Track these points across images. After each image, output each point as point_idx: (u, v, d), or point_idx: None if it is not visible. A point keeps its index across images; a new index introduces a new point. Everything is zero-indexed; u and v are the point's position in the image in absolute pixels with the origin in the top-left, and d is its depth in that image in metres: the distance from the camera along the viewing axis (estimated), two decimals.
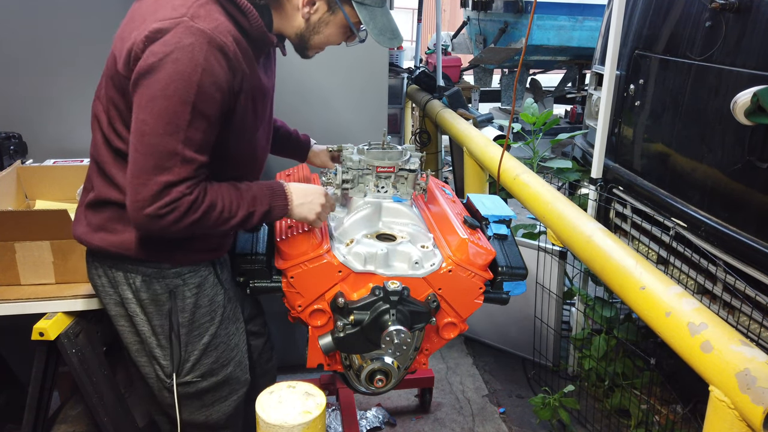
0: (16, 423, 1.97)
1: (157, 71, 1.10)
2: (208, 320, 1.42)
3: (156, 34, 1.12)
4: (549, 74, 7.31)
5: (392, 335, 1.36)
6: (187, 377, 1.43)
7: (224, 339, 1.46)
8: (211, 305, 1.42)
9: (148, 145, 1.12)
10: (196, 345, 1.41)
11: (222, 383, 1.48)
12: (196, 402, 1.47)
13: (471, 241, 1.44)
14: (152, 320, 1.37)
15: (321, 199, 1.39)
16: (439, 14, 4.35)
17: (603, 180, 2.42)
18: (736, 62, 1.90)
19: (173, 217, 1.15)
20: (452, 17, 12.18)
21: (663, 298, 1.45)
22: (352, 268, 1.41)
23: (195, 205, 1.17)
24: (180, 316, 1.38)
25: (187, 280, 1.37)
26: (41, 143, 2.22)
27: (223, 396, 1.50)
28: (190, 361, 1.42)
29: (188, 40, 1.11)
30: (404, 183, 1.62)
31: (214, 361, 1.45)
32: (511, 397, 2.56)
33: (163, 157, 1.12)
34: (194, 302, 1.39)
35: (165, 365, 1.41)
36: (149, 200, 1.13)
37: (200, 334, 1.41)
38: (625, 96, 2.55)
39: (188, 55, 1.10)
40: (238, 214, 1.25)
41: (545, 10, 5.57)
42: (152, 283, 1.34)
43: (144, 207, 1.13)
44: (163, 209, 1.13)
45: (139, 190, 1.13)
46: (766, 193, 1.77)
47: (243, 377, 1.54)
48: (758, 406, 1.11)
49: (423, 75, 4.18)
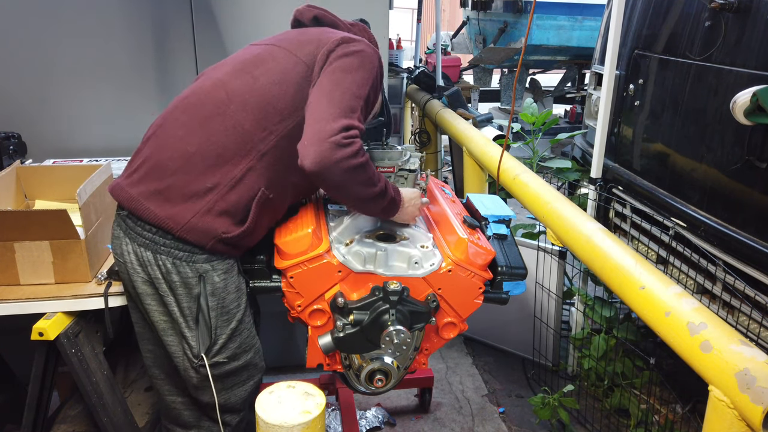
0: (16, 423, 1.97)
1: (354, 55, 1.44)
2: (236, 306, 1.47)
3: (348, 39, 1.47)
4: (548, 74, 7.30)
5: (392, 335, 1.36)
6: (215, 359, 1.47)
7: (247, 326, 1.52)
8: (237, 292, 1.47)
9: (341, 97, 1.36)
10: (224, 329, 1.46)
11: (242, 368, 1.53)
12: (218, 384, 1.51)
13: (471, 241, 1.45)
14: (181, 302, 1.42)
15: (419, 202, 1.54)
16: (439, 14, 4.35)
17: (602, 180, 2.42)
18: (735, 62, 1.90)
19: (351, 150, 1.29)
20: (452, 17, 12.17)
21: (662, 297, 1.45)
22: (351, 268, 1.41)
23: (362, 150, 1.33)
24: (210, 300, 1.42)
25: (215, 266, 1.41)
26: (41, 143, 2.22)
27: (242, 380, 1.55)
28: (218, 344, 1.46)
29: (368, 49, 1.48)
30: (404, 183, 1.62)
31: (238, 346, 1.50)
32: (511, 397, 2.56)
33: (349, 107, 1.35)
34: (223, 287, 1.43)
35: (194, 345, 1.45)
36: (336, 131, 1.29)
37: (228, 320, 1.46)
38: (624, 96, 2.55)
39: (370, 54, 1.48)
40: (378, 184, 1.38)
41: (545, 9, 5.56)
42: (182, 266, 1.39)
43: (330, 136, 1.29)
44: (346, 140, 1.30)
45: (324, 125, 1.31)
46: (765, 193, 1.77)
47: (260, 363, 1.59)
48: (758, 406, 1.11)
49: (422, 75, 4.18)
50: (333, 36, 1.48)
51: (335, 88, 1.38)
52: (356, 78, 1.41)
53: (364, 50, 1.46)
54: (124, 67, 2.34)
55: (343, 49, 1.45)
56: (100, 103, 2.36)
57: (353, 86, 1.39)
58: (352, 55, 1.44)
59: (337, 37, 1.47)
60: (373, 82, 1.46)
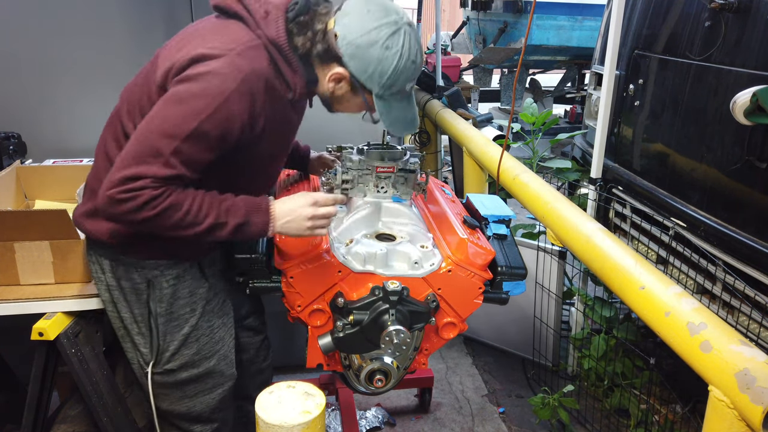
0: (16, 423, 1.97)
1: (188, 82, 1.20)
2: (189, 311, 1.46)
3: (202, 57, 1.22)
4: (548, 74, 7.31)
5: (392, 335, 1.36)
6: (167, 366, 1.47)
7: (206, 332, 1.49)
8: (191, 297, 1.46)
9: (145, 137, 1.19)
10: (175, 335, 1.45)
11: (204, 375, 1.52)
12: (177, 392, 1.51)
13: (470, 241, 1.45)
14: (133, 308, 1.43)
15: (307, 212, 1.33)
16: (439, 14, 4.34)
17: (602, 180, 2.42)
18: (735, 62, 1.90)
19: (130, 206, 1.18)
20: (452, 17, 12.17)
21: (662, 297, 1.45)
22: (351, 268, 1.41)
23: (155, 202, 1.19)
24: (158, 306, 1.42)
25: (164, 271, 1.41)
26: (41, 143, 2.22)
27: (207, 388, 1.54)
28: (169, 350, 1.46)
29: (227, 70, 1.20)
30: (404, 183, 1.62)
31: (196, 353, 1.48)
32: (511, 397, 2.56)
33: (149, 151, 1.18)
34: (172, 293, 1.42)
35: (145, 353, 1.46)
36: (116, 183, 1.18)
37: (179, 325, 1.45)
38: (624, 96, 2.55)
39: (220, 81, 1.20)
40: (205, 222, 1.24)
41: (545, 10, 5.56)
42: (131, 272, 1.40)
43: (109, 188, 1.18)
44: (123, 195, 1.17)
45: (114, 172, 1.19)
46: (765, 193, 1.77)
47: (228, 371, 1.57)
48: (758, 406, 1.11)
49: (422, 75, 4.18)
50: (192, 51, 1.24)
51: (148, 124, 1.20)
52: (183, 111, 1.18)
53: (213, 71, 1.19)
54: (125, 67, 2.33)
55: (186, 72, 1.21)
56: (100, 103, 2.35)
57: (169, 122, 1.18)
58: (194, 79, 1.20)
59: (192, 54, 1.23)
60: (217, 112, 1.19)
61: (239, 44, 1.25)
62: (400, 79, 1.32)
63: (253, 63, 1.24)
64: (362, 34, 1.26)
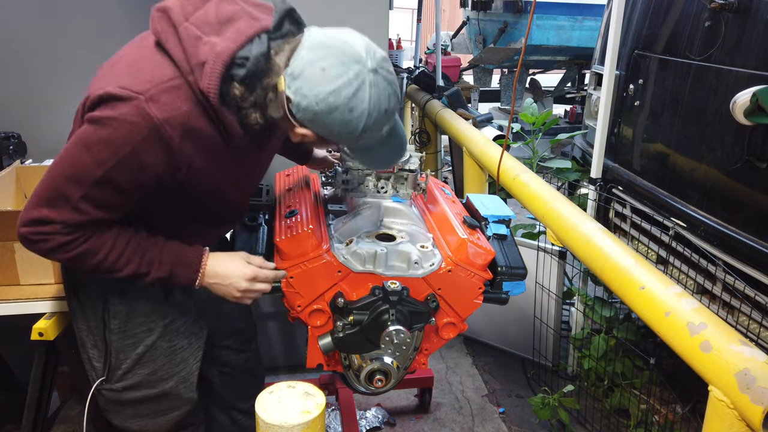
0: (16, 423, 1.97)
1: (95, 125, 1.10)
2: (145, 330, 1.39)
3: (110, 98, 1.09)
4: (548, 74, 7.31)
5: (392, 335, 1.36)
6: (118, 384, 1.40)
7: (166, 352, 1.42)
8: (149, 315, 1.39)
9: (52, 179, 1.13)
10: (128, 353, 1.38)
11: (160, 396, 1.44)
12: (129, 410, 1.44)
13: (470, 241, 1.45)
14: (89, 320, 1.38)
15: (240, 285, 1.30)
16: (439, 14, 4.35)
17: (602, 180, 2.42)
18: (735, 62, 1.90)
19: (42, 248, 1.16)
20: (452, 17, 12.17)
21: (662, 297, 1.45)
22: (351, 268, 1.41)
23: (68, 247, 1.15)
24: (111, 321, 1.36)
25: (123, 288, 1.35)
26: (41, 143, 2.22)
27: (162, 410, 1.46)
28: (121, 368, 1.39)
29: (135, 118, 1.08)
30: (404, 183, 1.62)
31: (151, 373, 1.41)
32: (511, 397, 2.56)
33: (56, 195, 1.12)
34: (126, 310, 1.36)
35: (97, 367, 1.40)
36: (27, 222, 1.14)
37: (134, 343, 1.38)
38: (624, 96, 2.55)
39: (126, 131, 1.08)
40: (125, 270, 1.21)
41: (545, 10, 5.57)
42: (88, 284, 1.36)
43: (21, 225, 1.15)
44: (34, 236, 1.14)
45: (27, 208, 1.15)
46: (765, 193, 1.77)
47: (186, 395, 1.48)
48: (758, 406, 1.11)
49: (422, 75, 4.18)
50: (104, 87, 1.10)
51: (56, 165, 1.13)
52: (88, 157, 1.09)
53: (119, 118, 1.07)
54: None
55: (97, 112, 1.10)
56: None
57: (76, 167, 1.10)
58: (100, 123, 1.09)
59: (101, 92, 1.09)
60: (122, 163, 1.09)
61: (155, 84, 1.10)
62: (373, 132, 1.18)
63: (166, 110, 1.09)
64: (318, 101, 1.09)
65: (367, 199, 1.57)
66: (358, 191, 1.59)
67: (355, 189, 1.59)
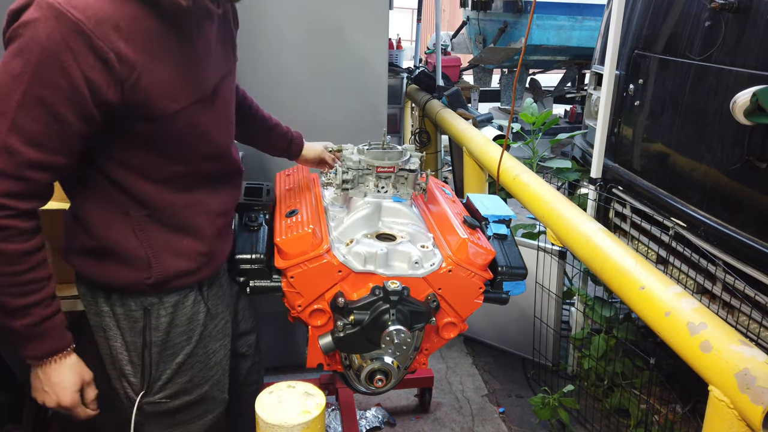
0: (16, 423, 1.97)
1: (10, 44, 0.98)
2: (185, 340, 1.35)
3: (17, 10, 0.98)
4: (548, 74, 7.31)
5: (392, 335, 1.36)
6: (157, 396, 1.35)
7: (202, 358, 1.39)
8: (189, 324, 1.35)
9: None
10: (169, 364, 1.34)
11: (197, 402, 1.41)
12: (168, 420, 1.40)
13: (471, 241, 1.45)
14: (126, 336, 1.31)
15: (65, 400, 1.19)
16: (439, 14, 4.35)
17: (602, 180, 2.42)
18: (735, 62, 1.90)
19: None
20: (452, 17, 12.17)
21: (662, 297, 1.45)
22: (352, 268, 1.41)
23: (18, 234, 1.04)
24: (153, 335, 1.31)
25: (163, 298, 1.30)
26: None
27: (198, 415, 1.43)
28: (161, 380, 1.34)
29: (36, 15, 0.95)
30: (404, 183, 1.62)
31: (188, 381, 1.37)
32: (511, 397, 2.56)
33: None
34: (169, 321, 1.31)
35: (134, 383, 1.34)
36: None
37: (174, 354, 1.34)
38: (624, 96, 2.55)
39: (32, 34, 0.95)
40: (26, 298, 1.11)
41: (545, 9, 5.57)
42: (127, 298, 1.28)
43: None
44: None
45: None
46: (765, 193, 1.77)
47: (220, 396, 1.46)
48: (758, 406, 1.11)
49: (422, 75, 4.18)
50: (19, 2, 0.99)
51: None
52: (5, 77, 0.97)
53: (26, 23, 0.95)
54: None
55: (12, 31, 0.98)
56: None
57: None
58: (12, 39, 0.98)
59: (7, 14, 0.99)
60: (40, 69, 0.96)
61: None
62: None
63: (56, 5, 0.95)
64: None
65: (367, 199, 1.57)
66: (358, 191, 1.59)
67: (355, 189, 1.59)
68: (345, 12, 2.21)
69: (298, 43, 2.21)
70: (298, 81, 2.26)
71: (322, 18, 2.20)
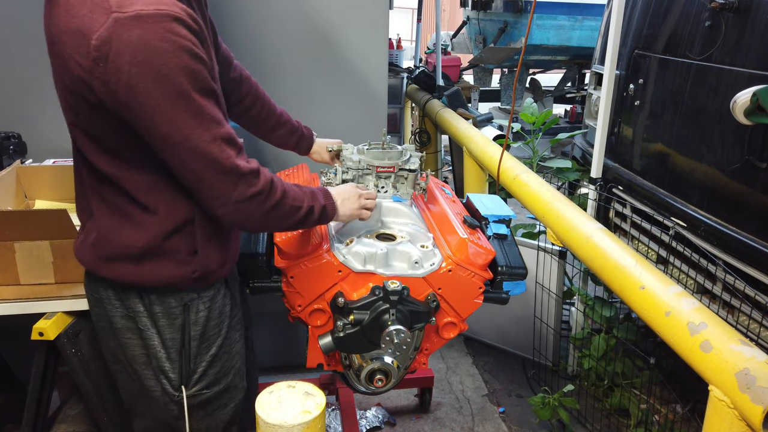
0: (16, 423, 1.97)
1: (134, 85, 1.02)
2: (217, 332, 1.39)
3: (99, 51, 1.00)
4: (549, 74, 7.31)
5: (392, 335, 1.36)
6: (194, 389, 1.39)
7: (227, 348, 1.43)
8: (220, 316, 1.39)
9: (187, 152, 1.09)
10: (204, 356, 1.38)
11: (223, 392, 1.45)
12: (200, 412, 1.43)
13: (471, 241, 1.45)
14: (163, 334, 1.32)
15: (355, 191, 1.43)
16: (439, 14, 4.35)
17: (602, 180, 2.42)
18: (735, 62, 1.90)
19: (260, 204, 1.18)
20: (452, 17, 12.18)
21: (663, 297, 1.45)
22: (351, 268, 1.41)
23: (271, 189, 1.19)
24: (192, 329, 1.34)
25: (201, 293, 1.33)
26: (41, 143, 2.22)
27: (223, 404, 1.47)
28: (197, 372, 1.38)
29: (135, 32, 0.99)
30: (404, 183, 1.62)
31: (218, 371, 1.42)
32: (511, 397, 2.56)
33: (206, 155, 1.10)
34: (207, 315, 1.35)
35: (173, 378, 1.36)
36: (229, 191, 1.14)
37: (209, 346, 1.38)
38: (624, 96, 2.55)
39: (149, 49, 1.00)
40: (304, 205, 1.27)
41: (545, 9, 5.57)
42: (167, 295, 1.30)
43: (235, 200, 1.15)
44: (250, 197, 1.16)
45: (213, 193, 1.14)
46: (765, 193, 1.77)
47: (240, 384, 1.50)
48: (758, 406, 1.11)
49: (422, 75, 4.18)
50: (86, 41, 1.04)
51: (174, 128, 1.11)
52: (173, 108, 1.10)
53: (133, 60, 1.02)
54: None
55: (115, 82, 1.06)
56: None
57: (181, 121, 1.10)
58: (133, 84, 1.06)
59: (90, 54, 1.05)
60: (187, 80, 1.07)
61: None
62: None
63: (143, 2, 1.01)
64: None
65: None
66: None
67: None
68: (345, 12, 2.21)
69: (298, 43, 2.22)
70: (298, 81, 2.26)
71: (322, 18, 2.21)
